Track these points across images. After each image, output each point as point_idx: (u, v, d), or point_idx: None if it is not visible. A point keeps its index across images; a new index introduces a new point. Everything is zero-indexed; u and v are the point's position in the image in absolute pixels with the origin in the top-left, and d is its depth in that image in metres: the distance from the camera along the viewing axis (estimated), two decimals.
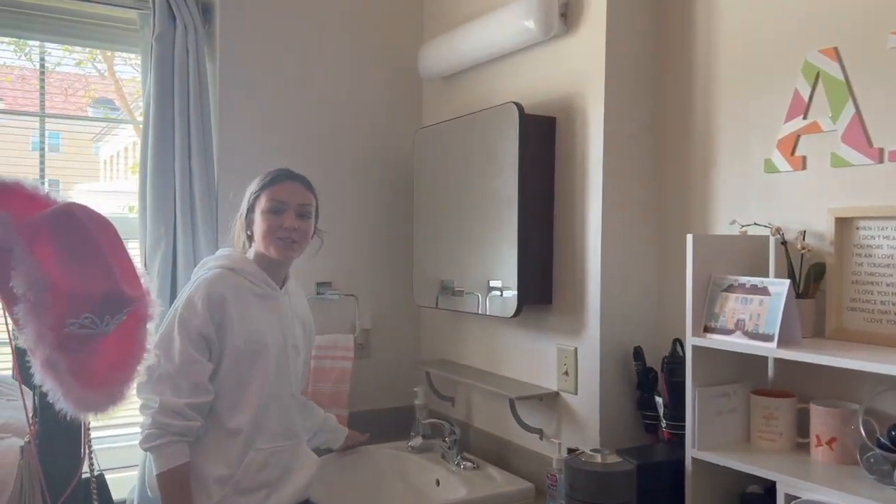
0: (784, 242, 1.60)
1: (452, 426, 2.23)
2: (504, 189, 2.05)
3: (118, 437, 2.31)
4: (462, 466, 2.17)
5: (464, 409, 2.45)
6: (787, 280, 1.47)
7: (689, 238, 1.60)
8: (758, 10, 1.73)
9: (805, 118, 1.61)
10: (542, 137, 2.04)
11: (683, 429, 1.69)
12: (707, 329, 1.58)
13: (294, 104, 2.47)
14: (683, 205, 1.91)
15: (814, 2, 1.61)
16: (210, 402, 1.70)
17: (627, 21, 1.93)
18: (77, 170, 2.48)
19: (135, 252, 2.24)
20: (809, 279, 1.56)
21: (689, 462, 1.59)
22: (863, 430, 1.37)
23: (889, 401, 1.43)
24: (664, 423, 1.81)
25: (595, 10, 1.92)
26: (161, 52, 2.22)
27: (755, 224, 1.66)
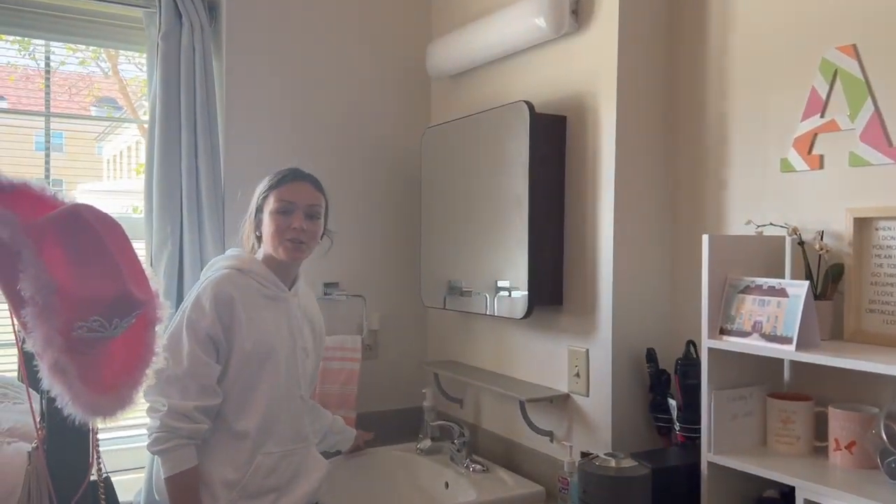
0: (801, 243, 1.57)
1: (461, 428, 2.21)
2: (514, 188, 2.02)
3: (124, 440, 2.29)
4: (471, 469, 2.15)
5: (472, 411, 2.42)
6: (806, 282, 1.45)
7: (705, 238, 1.58)
8: (773, 7, 1.70)
9: (822, 116, 1.58)
10: (553, 136, 2.02)
11: (697, 432, 1.67)
12: (723, 331, 1.56)
13: (301, 103, 2.45)
14: (697, 205, 1.89)
15: None
16: (218, 405, 1.68)
17: (640, 18, 1.90)
18: (80, 169, 2.46)
19: (141, 252, 2.22)
20: (827, 280, 1.54)
21: (705, 466, 1.57)
22: (884, 435, 1.34)
23: None
24: (677, 426, 1.78)
25: (607, 8, 1.90)
26: (167, 51, 2.20)
27: (771, 224, 1.63)
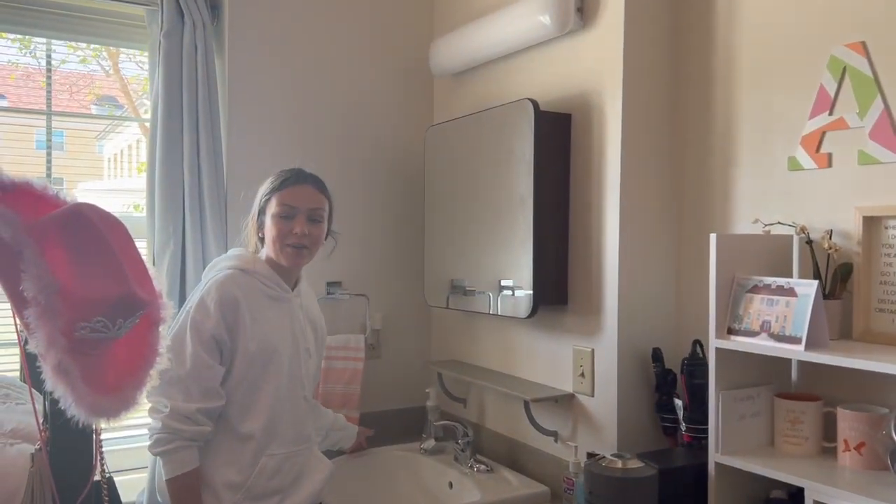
0: (809, 242, 1.56)
1: (465, 428, 2.20)
2: (518, 187, 2.01)
3: (127, 439, 2.28)
4: (475, 469, 2.14)
5: (476, 411, 2.41)
6: (816, 281, 1.43)
7: (713, 237, 1.56)
8: (781, 4, 1.69)
9: (831, 114, 1.57)
10: (558, 135, 2.00)
11: (704, 432, 1.66)
12: (731, 331, 1.54)
13: (303, 101, 2.44)
14: (703, 203, 1.87)
15: None
16: (221, 407, 1.67)
17: (645, 15, 1.89)
18: (81, 168, 2.45)
19: (143, 251, 2.21)
20: (836, 280, 1.52)
21: (713, 466, 1.55)
22: (894, 435, 1.33)
23: None
24: (684, 427, 1.77)
25: (612, 5, 1.88)
26: (169, 49, 2.19)
27: (779, 223, 1.62)
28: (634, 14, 1.87)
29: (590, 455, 1.70)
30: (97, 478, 1.35)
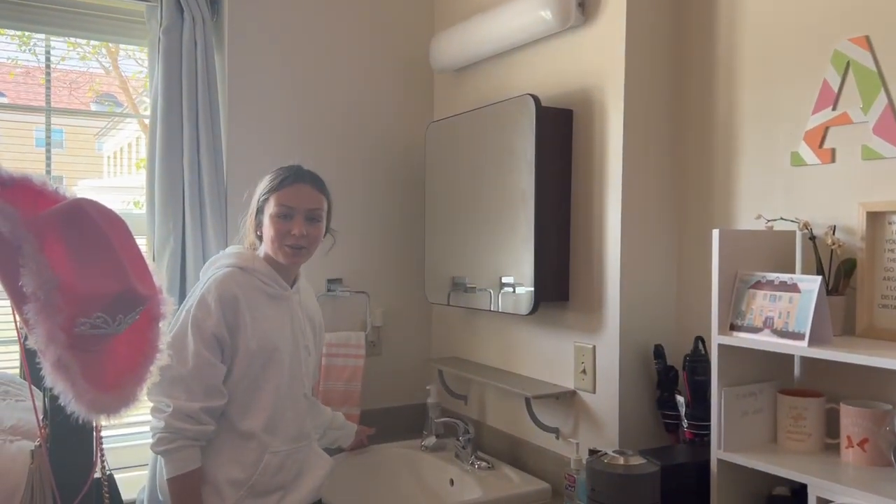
0: (812, 238, 1.55)
1: (466, 425, 2.20)
2: (519, 183, 2.00)
3: (127, 437, 2.28)
4: (476, 466, 2.13)
5: (477, 408, 2.41)
6: (819, 277, 1.43)
7: (715, 233, 1.56)
8: None
9: (834, 109, 1.56)
10: (559, 130, 2.00)
11: (706, 429, 1.66)
12: (733, 327, 1.54)
13: (303, 97, 2.43)
14: (705, 199, 1.87)
15: None
16: (223, 406, 1.67)
17: (647, 10, 1.88)
18: (80, 166, 2.44)
19: (143, 248, 2.20)
20: (839, 275, 1.52)
21: (715, 463, 1.55)
22: None
23: None
24: (685, 423, 1.77)
25: (613, 0, 1.87)
26: (169, 45, 2.18)
27: (781, 219, 1.61)
28: (636, 9, 1.86)
29: (591, 452, 1.69)
30: (98, 475, 1.34)
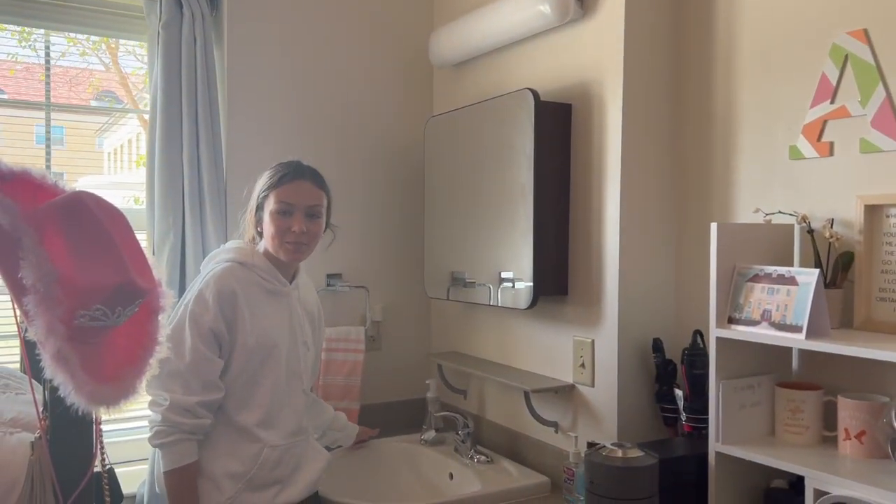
0: (810, 231, 1.56)
1: (466, 419, 2.20)
2: (518, 178, 2.01)
3: (128, 431, 2.28)
4: (476, 460, 2.14)
5: (476, 402, 2.41)
6: (817, 270, 1.43)
7: (713, 227, 1.56)
8: None
9: (832, 103, 1.56)
10: (558, 125, 2.00)
11: (704, 422, 1.66)
12: (731, 320, 1.54)
13: (302, 92, 2.43)
14: (704, 193, 1.87)
15: None
16: (220, 400, 1.67)
17: (646, 4, 1.88)
18: (81, 163, 2.44)
19: (143, 243, 2.21)
20: (837, 268, 1.52)
21: (713, 456, 1.55)
22: (895, 423, 1.33)
23: None
24: (684, 417, 1.77)
25: None
26: (168, 40, 2.18)
27: (780, 212, 1.61)
28: (634, 3, 1.86)
29: (590, 445, 1.70)
30: (97, 468, 1.35)
